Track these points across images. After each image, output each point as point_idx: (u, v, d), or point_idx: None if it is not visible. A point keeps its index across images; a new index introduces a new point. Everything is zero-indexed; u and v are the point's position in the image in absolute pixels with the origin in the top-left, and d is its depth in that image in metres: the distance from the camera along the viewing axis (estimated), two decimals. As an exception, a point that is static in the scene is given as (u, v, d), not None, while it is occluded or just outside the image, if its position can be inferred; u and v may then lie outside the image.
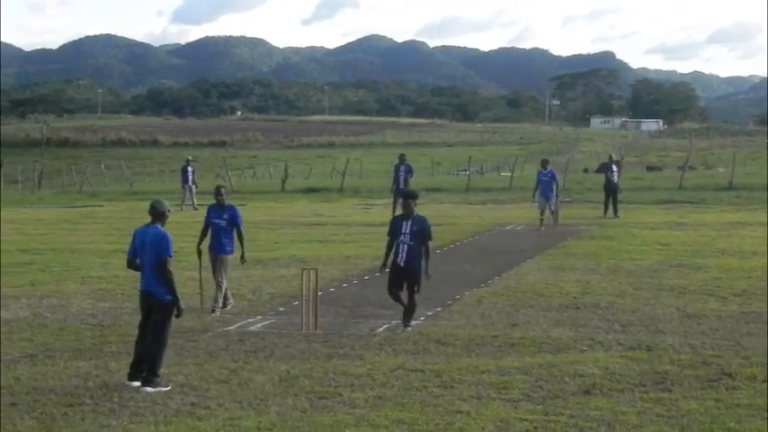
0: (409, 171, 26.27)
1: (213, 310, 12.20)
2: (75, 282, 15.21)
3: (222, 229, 12.54)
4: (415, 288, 10.93)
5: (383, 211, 28.46)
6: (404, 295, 11.06)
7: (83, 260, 17.89)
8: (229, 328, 11.28)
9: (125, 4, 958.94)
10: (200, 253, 12.55)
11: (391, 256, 11.05)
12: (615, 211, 26.79)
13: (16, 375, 8.97)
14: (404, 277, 10.96)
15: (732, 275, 14.96)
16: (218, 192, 12.80)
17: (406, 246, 10.90)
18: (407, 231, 10.91)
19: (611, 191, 27.10)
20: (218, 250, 12.48)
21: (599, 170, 46.89)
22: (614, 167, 27.55)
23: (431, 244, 11.06)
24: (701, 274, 15.22)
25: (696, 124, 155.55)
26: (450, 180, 51.56)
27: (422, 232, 10.87)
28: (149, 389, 8.32)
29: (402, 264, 10.93)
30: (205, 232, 12.68)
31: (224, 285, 12.40)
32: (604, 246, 19.33)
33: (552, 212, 23.87)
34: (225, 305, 12.42)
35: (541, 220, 23.66)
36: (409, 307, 11.04)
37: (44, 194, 47.69)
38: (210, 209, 12.78)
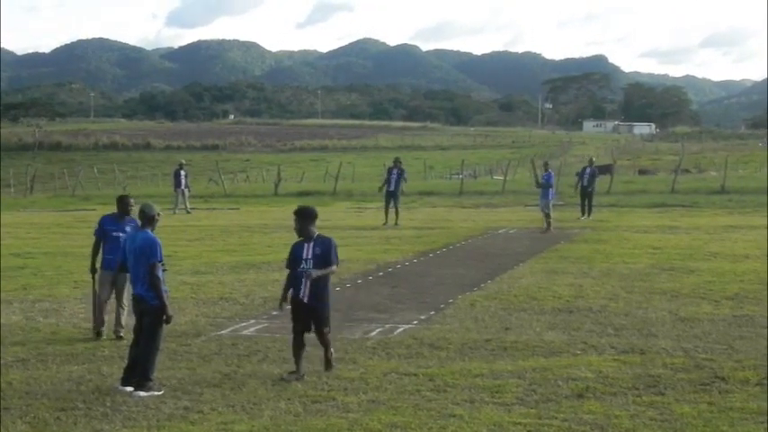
0: (401, 175, 26.28)
1: (119, 335, 10.86)
2: (68, 286, 15.16)
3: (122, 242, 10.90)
4: (325, 329, 9.00)
5: (376, 214, 28.48)
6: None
7: (76, 264, 17.82)
8: (222, 332, 11.27)
9: (119, 8, 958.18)
10: (95, 271, 11.19)
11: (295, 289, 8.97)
12: (589, 212, 27.65)
13: (8, 380, 8.94)
14: (309, 315, 8.90)
15: (725, 279, 14.98)
16: (126, 202, 11.15)
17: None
18: (309, 257, 8.87)
19: (583, 194, 27.80)
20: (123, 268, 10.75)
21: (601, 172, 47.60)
22: (587, 171, 27.99)
23: (336, 269, 9.09)
24: (693, 277, 15.24)
25: (688, 128, 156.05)
26: (444, 183, 51.62)
27: (326, 255, 8.88)
28: (142, 393, 8.30)
29: (306, 299, 8.84)
30: (97, 247, 11.18)
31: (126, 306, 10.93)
32: (597, 249, 19.36)
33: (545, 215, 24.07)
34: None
35: (548, 222, 23.83)
36: (325, 347, 9.11)
37: (37, 198, 47.61)
38: (107, 220, 11.19)
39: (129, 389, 8.41)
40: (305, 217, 9.06)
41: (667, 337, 10.63)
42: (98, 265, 11.24)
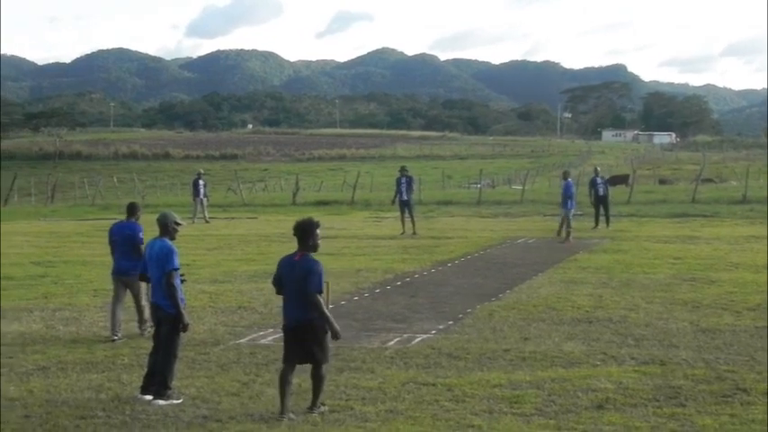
0: (410, 183, 26.37)
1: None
2: (88, 294, 15.24)
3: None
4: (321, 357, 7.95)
5: (394, 224, 28.46)
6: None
7: (95, 273, 17.92)
8: (241, 341, 11.28)
9: (139, 19, 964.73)
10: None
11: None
12: (607, 222, 27.49)
13: (29, 388, 8.98)
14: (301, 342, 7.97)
15: (746, 290, 14.85)
16: (137, 207, 11.96)
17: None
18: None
19: (599, 203, 27.67)
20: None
21: (619, 182, 47.56)
22: (599, 180, 27.96)
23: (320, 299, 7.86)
24: (714, 288, 15.13)
25: (709, 137, 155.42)
26: (462, 193, 51.54)
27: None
28: (161, 402, 8.31)
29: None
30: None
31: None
32: (617, 259, 19.26)
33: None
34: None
35: (568, 231, 23.74)
36: (315, 384, 8.04)
37: (57, 207, 47.92)
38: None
39: (149, 397, 8.43)
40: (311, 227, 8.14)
41: (688, 348, 10.55)
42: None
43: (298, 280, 7.85)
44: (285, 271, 8.01)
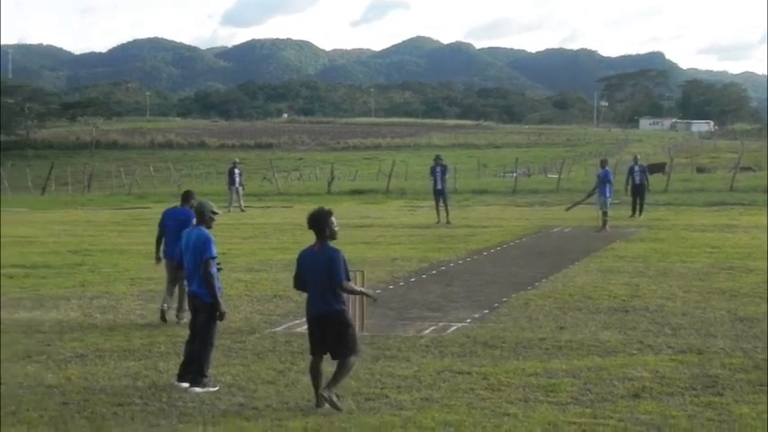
0: (444, 171, 26.34)
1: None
2: (125, 283, 15.39)
3: None
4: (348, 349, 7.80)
5: (429, 213, 28.44)
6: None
7: (132, 261, 18.11)
8: (276, 329, 11.33)
9: (174, 8, 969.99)
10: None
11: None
12: (640, 211, 27.35)
13: (67, 375, 9.09)
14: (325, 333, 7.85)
15: (785, 278, 14.66)
16: (192, 195, 12.07)
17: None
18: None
19: (636, 192, 27.42)
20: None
21: (655, 170, 47.09)
22: (636, 168, 27.75)
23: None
24: (752, 276, 14.96)
25: (748, 125, 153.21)
26: (497, 182, 51.38)
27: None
28: (197, 389, 8.38)
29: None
30: None
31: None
32: (654, 248, 19.10)
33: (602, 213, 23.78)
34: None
35: (604, 220, 23.56)
36: (338, 370, 7.84)
37: (94, 196, 48.46)
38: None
39: (185, 385, 8.49)
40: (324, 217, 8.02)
41: (726, 336, 10.45)
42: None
43: (320, 270, 7.79)
44: (306, 263, 7.97)
